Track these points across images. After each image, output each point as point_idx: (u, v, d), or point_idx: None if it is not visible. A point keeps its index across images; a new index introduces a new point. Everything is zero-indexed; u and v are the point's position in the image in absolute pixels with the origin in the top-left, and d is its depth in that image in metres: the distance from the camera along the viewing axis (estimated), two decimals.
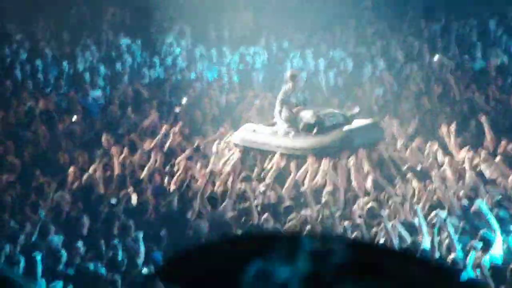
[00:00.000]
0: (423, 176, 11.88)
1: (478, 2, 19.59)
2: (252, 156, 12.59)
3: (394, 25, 19.27)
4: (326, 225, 10.54)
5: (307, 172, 11.94)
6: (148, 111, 14.68)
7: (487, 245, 9.96)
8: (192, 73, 16.82)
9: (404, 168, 12.04)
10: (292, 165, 12.18)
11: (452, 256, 9.79)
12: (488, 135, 13.14)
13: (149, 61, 17.27)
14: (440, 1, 20.00)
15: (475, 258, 9.73)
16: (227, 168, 12.06)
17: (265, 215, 10.61)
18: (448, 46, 18.21)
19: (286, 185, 11.82)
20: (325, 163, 11.92)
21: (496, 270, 9.58)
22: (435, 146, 12.85)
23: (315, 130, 12.53)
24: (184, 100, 15.33)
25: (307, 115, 12.70)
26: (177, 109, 15.03)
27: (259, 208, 10.87)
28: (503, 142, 12.86)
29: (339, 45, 18.32)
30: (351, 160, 12.02)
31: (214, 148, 12.81)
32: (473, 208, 10.78)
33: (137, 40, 17.98)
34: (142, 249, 9.60)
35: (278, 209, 10.98)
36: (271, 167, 12.16)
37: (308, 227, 10.44)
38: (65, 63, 16.67)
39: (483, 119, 13.28)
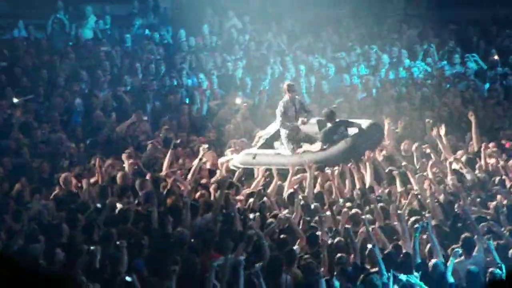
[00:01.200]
0: (407, 179, 11.93)
1: (456, 8, 19.73)
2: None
3: (374, 31, 19.37)
4: (308, 229, 10.54)
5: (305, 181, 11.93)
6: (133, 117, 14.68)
7: (468, 250, 9.98)
8: (174, 80, 16.80)
9: (390, 170, 12.07)
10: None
11: (433, 260, 9.81)
12: (474, 135, 13.22)
13: (130, 68, 17.23)
14: (420, 7, 20.12)
15: (456, 263, 9.75)
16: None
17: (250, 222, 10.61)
18: (428, 51, 18.32)
19: (270, 189, 11.84)
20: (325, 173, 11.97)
21: (476, 275, 9.61)
22: (419, 150, 12.92)
23: (322, 145, 12.58)
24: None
25: (311, 129, 12.76)
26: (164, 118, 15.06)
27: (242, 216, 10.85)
28: (485, 144, 12.94)
29: (318, 51, 18.38)
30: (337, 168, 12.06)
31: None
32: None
33: (116, 47, 17.95)
34: (125, 257, 9.56)
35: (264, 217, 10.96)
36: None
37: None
38: (44, 71, 16.58)
39: (472, 117, 13.36)
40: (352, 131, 12.82)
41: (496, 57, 17.93)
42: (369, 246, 9.73)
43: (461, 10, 19.79)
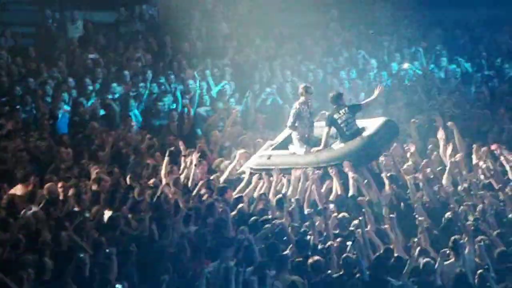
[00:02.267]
0: (397, 181, 11.95)
1: (443, 10, 19.81)
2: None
3: (362, 35, 19.43)
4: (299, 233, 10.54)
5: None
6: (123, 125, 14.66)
7: (457, 252, 10.01)
8: (162, 86, 16.78)
9: (382, 173, 12.07)
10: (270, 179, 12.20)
11: (423, 261, 9.83)
12: (458, 141, 13.25)
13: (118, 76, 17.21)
14: (406, 12, 20.20)
15: (445, 265, 9.78)
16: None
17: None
18: (415, 54, 18.39)
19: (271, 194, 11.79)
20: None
21: (464, 277, 9.64)
22: (410, 152, 12.94)
23: (337, 141, 12.44)
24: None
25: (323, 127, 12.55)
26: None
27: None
28: (476, 146, 12.94)
29: (306, 55, 18.41)
30: (332, 171, 12.00)
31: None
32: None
33: (105, 55, 17.92)
34: (115, 264, 9.53)
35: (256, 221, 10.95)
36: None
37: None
38: (31, 80, 16.53)
39: (452, 125, 13.38)
40: (368, 128, 12.57)
41: (482, 59, 18.04)
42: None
43: (448, 12, 19.88)
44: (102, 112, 15.81)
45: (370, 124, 12.68)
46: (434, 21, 19.84)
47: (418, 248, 10.12)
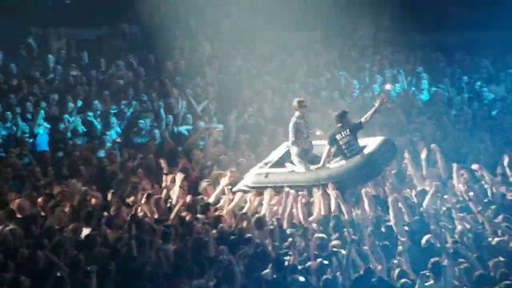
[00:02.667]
0: (379, 202, 11.98)
1: (425, 33, 19.99)
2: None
3: (343, 56, 19.53)
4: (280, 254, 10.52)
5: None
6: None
7: (437, 274, 10.03)
8: (144, 104, 16.75)
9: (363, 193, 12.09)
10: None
11: (402, 281, 9.84)
12: (440, 164, 13.31)
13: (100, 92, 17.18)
14: (388, 33, 20.36)
15: (425, 287, 9.79)
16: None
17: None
18: (397, 76, 18.50)
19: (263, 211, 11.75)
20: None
21: None
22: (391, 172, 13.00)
23: (336, 159, 12.43)
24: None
25: (321, 151, 12.54)
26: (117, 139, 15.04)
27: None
28: (455, 165, 12.98)
29: (289, 76, 18.47)
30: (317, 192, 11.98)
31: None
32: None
33: (87, 72, 17.89)
34: (94, 282, 9.46)
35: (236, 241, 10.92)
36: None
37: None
38: (12, 96, 16.46)
39: (435, 148, 13.45)
40: (366, 146, 12.60)
41: (462, 83, 18.19)
42: None
43: (429, 35, 20.06)
44: (83, 129, 15.75)
45: (369, 143, 12.71)
46: (415, 43, 20.00)
47: (398, 269, 10.13)
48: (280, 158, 13.02)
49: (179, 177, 12.49)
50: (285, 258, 10.34)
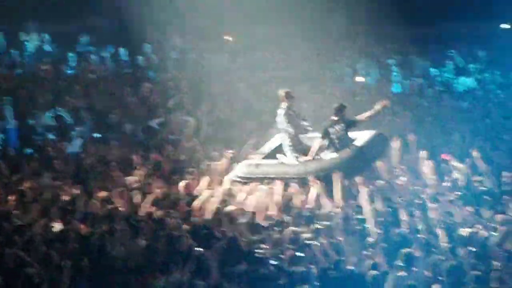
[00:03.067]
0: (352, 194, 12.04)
1: (396, 25, 20.10)
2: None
3: (318, 49, 19.59)
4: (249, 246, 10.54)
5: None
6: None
7: (408, 264, 10.10)
8: (115, 98, 16.70)
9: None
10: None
11: (373, 273, 9.90)
12: (414, 155, 13.40)
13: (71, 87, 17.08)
14: (361, 26, 20.45)
15: (395, 278, 9.86)
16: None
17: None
18: (369, 69, 18.59)
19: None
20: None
21: None
22: None
23: (327, 152, 12.47)
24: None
25: (314, 137, 12.59)
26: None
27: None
28: (424, 155, 13.06)
29: (261, 69, 18.50)
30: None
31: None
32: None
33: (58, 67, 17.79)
34: (66, 279, 9.43)
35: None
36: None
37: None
38: None
39: (411, 138, 13.54)
40: (357, 139, 12.65)
41: (434, 74, 18.32)
42: None
43: (401, 28, 20.16)
44: (53, 124, 15.66)
45: (360, 136, 12.77)
46: (387, 36, 20.10)
47: (370, 261, 10.19)
48: (273, 150, 13.02)
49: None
50: (258, 251, 10.37)
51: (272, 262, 10.19)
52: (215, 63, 18.67)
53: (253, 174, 12.53)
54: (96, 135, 15.52)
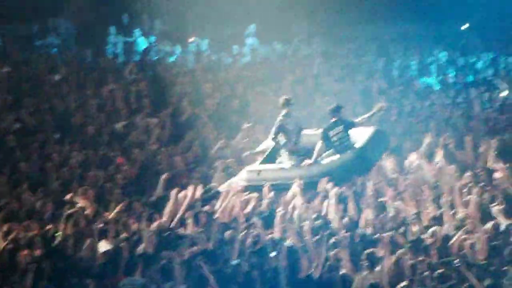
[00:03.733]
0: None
1: (356, 25, 20.24)
2: None
3: (278, 50, 19.65)
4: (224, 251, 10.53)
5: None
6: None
7: (372, 264, 10.16)
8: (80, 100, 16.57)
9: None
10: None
11: (340, 273, 9.95)
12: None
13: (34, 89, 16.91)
14: (321, 28, 20.57)
15: (359, 278, 9.91)
16: None
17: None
18: (331, 69, 18.67)
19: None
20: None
21: None
22: None
23: (329, 154, 12.41)
24: None
25: (312, 139, 12.54)
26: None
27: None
28: (387, 157, 13.08)
29: (224, 70, 18.51)
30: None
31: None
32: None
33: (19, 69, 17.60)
34: (29, 282, 9.35)
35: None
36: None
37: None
38: None
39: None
40: (357, 139, 12.60)
41: (395, 74, 18.47)
42: None
43: (362, 27, 20.31)
44: (16, 126, 15.49)
45: (360, 134, 12.69)
46: (348, 36, 20.23)
47: (334, 261, 10.24)
48: (270, 152, 12.92)
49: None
50: (222, 252, 10.36)
51: (236, 262, 10.20)
52: (179, 64, 18.62)
53: (256, 180, 12.37)
54: (60, 137, 15.40)
